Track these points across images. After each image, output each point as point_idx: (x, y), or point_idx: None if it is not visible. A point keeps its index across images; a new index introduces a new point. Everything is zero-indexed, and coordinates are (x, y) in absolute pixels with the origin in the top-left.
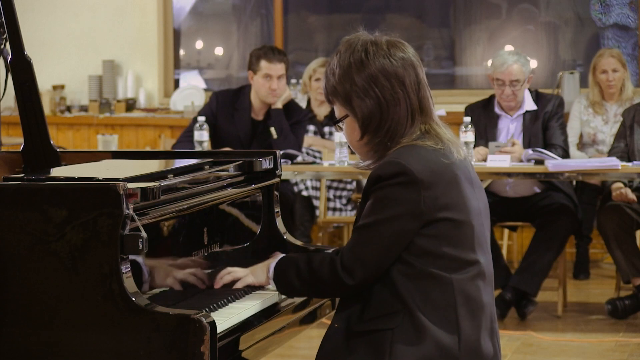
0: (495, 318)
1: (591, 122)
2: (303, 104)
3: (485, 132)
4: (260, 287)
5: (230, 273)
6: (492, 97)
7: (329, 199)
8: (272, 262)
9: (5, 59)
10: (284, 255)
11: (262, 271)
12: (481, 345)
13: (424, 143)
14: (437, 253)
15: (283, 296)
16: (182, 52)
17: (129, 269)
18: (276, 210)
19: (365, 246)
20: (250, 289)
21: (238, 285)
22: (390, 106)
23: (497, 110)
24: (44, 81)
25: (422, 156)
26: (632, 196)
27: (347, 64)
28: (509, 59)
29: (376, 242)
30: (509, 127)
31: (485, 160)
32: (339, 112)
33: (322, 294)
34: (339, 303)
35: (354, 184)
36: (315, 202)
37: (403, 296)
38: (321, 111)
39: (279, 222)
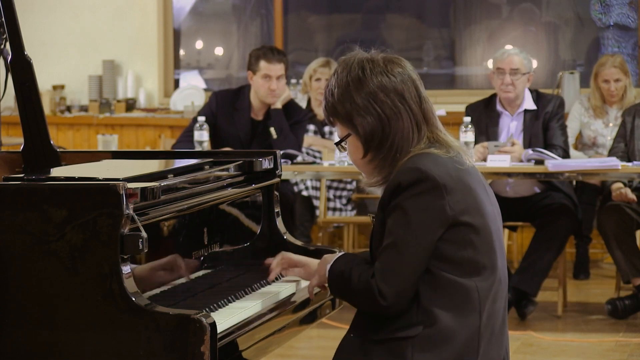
0: (506, 322)
1: (592, 125)
2: (303, 104)
3: (486, 130)
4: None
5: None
6: (493, 96)
7: (329, 199)
8: (328, 264)
9: (5, 59)
10: (340, 256)
11: (321, 272)
12: (495, 350)
13: (435, 151)
14: (459, 259)
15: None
16: (182, 52)
17: (129, 269)
18: (276, 210)
19: (399, 266)
20: (249, 289)
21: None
22: (392, 121)
23: (498, 107)
24: (44, 81)
25: (438, 162)
26: (632, 196)
27: (345, 82)
28: (511, 51)
29: (409, 260)
30: (510, 126)
31: (485, 159)
32: (340, 131)
33: (362, 309)
34: (356, 314)
35: (354, 184)
36: (315, 202)
37: (425, 305)
38: (321, 111)
39: (279, 222)
